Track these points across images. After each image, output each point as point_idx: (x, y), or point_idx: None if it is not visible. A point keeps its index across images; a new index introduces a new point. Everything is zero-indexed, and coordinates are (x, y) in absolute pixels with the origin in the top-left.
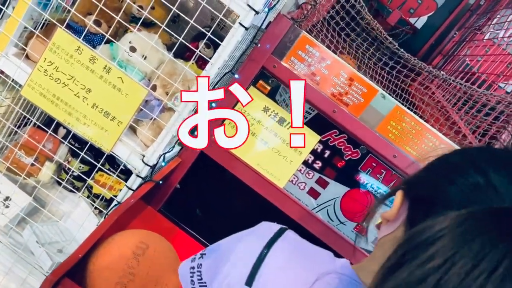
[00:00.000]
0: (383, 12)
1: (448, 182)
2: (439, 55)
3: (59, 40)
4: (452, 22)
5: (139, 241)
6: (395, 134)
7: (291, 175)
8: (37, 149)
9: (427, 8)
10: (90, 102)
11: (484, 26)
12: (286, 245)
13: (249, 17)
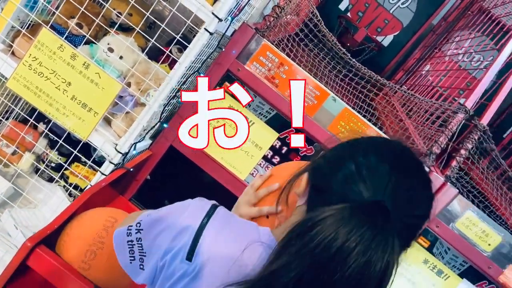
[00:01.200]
0: (350, 30)
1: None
2: (401, 71)
3: (44, 38)
4: (416, 42)
5: (109, 215)
6: (344, 133)
7: (251, 168)
8: (17, 140)
9: (393, 28)
10: (70, 94)
11: (442, 45)
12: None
13: (213, 23)
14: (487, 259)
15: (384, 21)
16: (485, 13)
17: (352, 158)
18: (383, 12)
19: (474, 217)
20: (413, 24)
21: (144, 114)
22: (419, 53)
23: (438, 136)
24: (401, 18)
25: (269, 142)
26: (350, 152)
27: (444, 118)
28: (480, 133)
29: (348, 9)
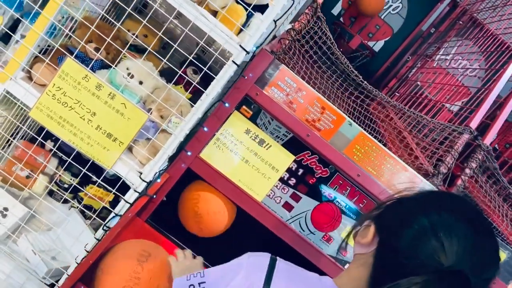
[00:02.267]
0: (345, 36)
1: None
2: (394, 78)
3: (68, 68)
4: (406, 47)
5: (142, 249)
6: (359, 156)
7: (268, 190)
8: (29, 161)
9: (384, 33)
10: (95, 124)
11: (435, 55)
12: (283, 271)
13: (240, 56)
14: None
15: (376, 26)
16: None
17: (425, 214)
18: (374, 18)
19: None
20: (403, 30)
21: (170, 143)
22: (412, 62)
23: (444, 155)
24: (391, 24)
25: (285, 164)
26: (421, 207)
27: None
28: (484, 152)
29: (340, 14)
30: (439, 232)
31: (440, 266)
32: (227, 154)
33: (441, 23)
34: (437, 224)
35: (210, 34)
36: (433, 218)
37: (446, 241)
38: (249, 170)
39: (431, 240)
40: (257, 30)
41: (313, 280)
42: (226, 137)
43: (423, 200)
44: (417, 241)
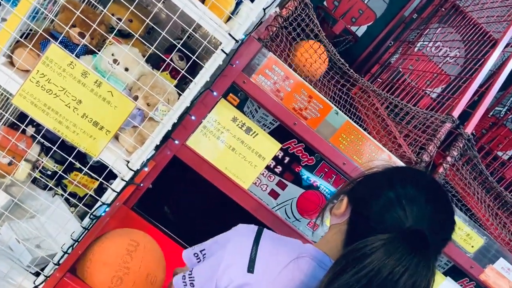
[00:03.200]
0: (329, 21)
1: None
2: (376, 64)
3: (52, 55)
4: (389, 33)
5: (130, 239)
6: (345, 145)
7: (255, 178)
8: (11, 148)
9: (367, 18)
10: (80, 112)
11: (417, 41)
12: (268, 239)
13: (230, 44)
14: (469, 260)
15: (359, 11)
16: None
17: (390, 186)
18: (358, 2)
19: (460, 222)
20: (386, 15)
21: (158, 132)
22: (394, 48)
23: (427, 144)
24: (375, 9)
25: (272, 152)
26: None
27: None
28: (465, 141)
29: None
30: (403, 201)
31: (403, 227)
32: (213, 141)
33: (423, 9)
34: (401, 195)
35: (199, 22)
36: (398, 190)
37: (408, 209)
38: (235, 158)
39: (396, 208)
40: (247, 18)
41: (297, 243)
42: (212, 124)
43: (390, 174)
44: (384, 210)
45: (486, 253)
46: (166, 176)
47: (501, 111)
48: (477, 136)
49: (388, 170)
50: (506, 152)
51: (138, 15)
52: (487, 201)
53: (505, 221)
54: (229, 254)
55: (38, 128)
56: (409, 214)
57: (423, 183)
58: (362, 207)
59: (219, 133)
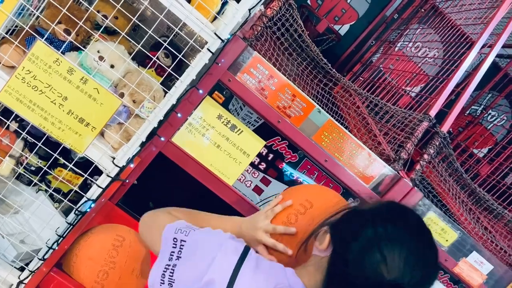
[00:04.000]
0: (312, 20)
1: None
2: (358, 63)
3: (38, 51)
4: (371, 32)
5: (116, 234)
6: (327, 142)
7: (239, 174)
8: None
9: (350, 17)
10: (66, 109)
11: (397, 41)
12: (252, 261)
13: (215, 44)
14: (444, 253)
15: (342, 10)
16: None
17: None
18: (340, 2)
19: (435, 217)
20: (368, 15)
21: (143, 129)
22: (375, 47)
23: (405, 142)
24: (357, 8)
25: (256, 149)
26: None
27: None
28: (441, 139)
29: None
30: (382, 245)
31: (382, 280)
32: (199, 138)
33: (404, 10)
34: (381, 236)
35: (185, 22)
36: (379, 231)
37: (389, 255)
38: (220, 155)
39: (375, 253)
40: (233, 18)
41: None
42: (198, 122)
43: (373, 212)
44: (363, 254)
45: (460, 247)
46: (152, 172)
47: (477, 110)
48: (454, 134)
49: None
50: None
51: (124, 12)
52: (462, 197)
53: (478, 216)
54: (212, 270)
55: (22, 124)
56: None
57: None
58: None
59: (205, 130)
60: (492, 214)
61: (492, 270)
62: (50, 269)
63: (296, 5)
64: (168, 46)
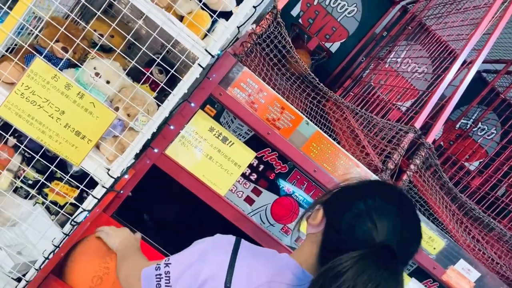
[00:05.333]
0: (303, 37)
1: (344, 209)
2: (349, 79)
3: (37, 68)
4: (361, 49)
5: None
6: (315, 153)
7: (231, 185)
8: None
9: (340, 35)
10: (63, 122)
11: (386, 57)
12: (246, 251)
13: (206, 59)
14: (432, 261)
15: (332, 28)
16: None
17: (361, 199)
18: (331, 20)
19: (422, 225)
20: (358, 33)
21: (138, 141)
22: (365, 63)
23: (392, 153)
24: (347, 27)
25: (247, 160)
26: (359, 194)
27: (394, 135)
28: (426, 150)
29: (299, 16)
30: (373, 214)
31: (373, 242)
32: (191, 150)
33: (392, 27)
34: (371, 208)
35: (177, 38)
36: (368, 203)
37: (378, 222)
38: (212, 166)
39: (366, 221)
40: (222, 35)
41: (272, 254)
42: (191, 134)
43: (361, 187)
44: (355, 223)
45: (448, 255)
46: (146, 184)
47: (467, 123)
48: (444, 147)
49: (361, 183)
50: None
51: (119, 31)
52: (451, 207)
53: (469, 227)
54: (208, 265)
55: (20, 139)
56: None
57: (393, 196)
58: (335, 220)
59: (197, 142)
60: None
61: (479, 277)
62: (46, 276)
63: (285, 23)
64: (161, 62)
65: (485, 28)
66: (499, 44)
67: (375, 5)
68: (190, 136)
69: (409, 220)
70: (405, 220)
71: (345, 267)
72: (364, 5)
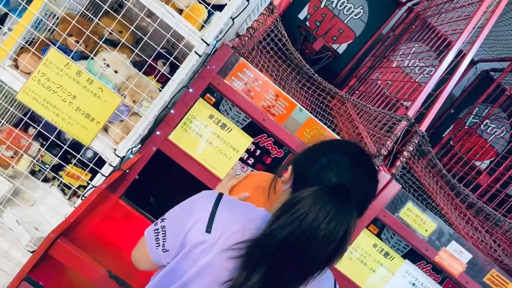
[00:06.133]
0: (309, 39)
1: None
2: (354, 78)
3: (52, 57)
4: (367, 50)
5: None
6: (309, 138)
7: (229, 168)
8: (14, 144)
9: (347, 37)
10: (75, 106)
11: (390, 55)
12: (226, 202)
13: (202, 47)
14: (424, 243)
15: (339, 30)
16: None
17: (324, 154)
18: (338, 22)
19: (414, 208)
20: (364, 34)
21: (141, 123)
22: (370, 62)
23: (385, 140)
24: (354, 28)
25: (244, 146)
26: (322, 150)
27: (389, 125)
28: (419, 137)
29: (306, 18)
30: (332, 165)
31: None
32: (193, 136)
33: (398, 27)
34: (331, 160)
35: (175, 29)
36: (329, 156)
37: (336, 170)
38: (212, 151)
39: (327, 171)
40: (216, 25)
41: (250, 208)
42: (192, 121)
43: (324, 145)
44: (318, 172)
45: (440, 237)
46: (153, 169)
47: (477, 122)
48: (451, 144)
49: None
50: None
51: (127, 26)
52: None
53: (472, 220)
54: (194, 215)
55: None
56: (336, 174)
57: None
58: (302, 171)
59: (198, 129)
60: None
61: (471, 259)
62: (57, 236)
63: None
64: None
65: (479, 22)
66: (506, 42)
67: (382, 7)
68: (191, 123)
69: (363, 168)
70: (359, 168)
71: (302, 198)
72: (371, 7)
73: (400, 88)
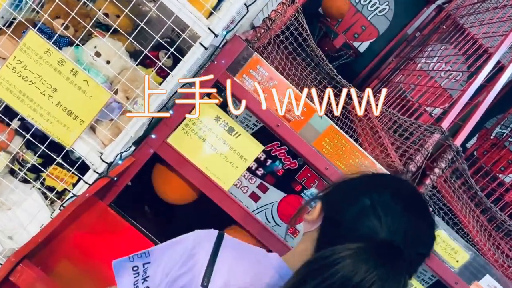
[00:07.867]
0: (330, 35)
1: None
2: (376, 79)
3: (30, 41)
4: (391, 50)
5: None
6: (328, 149)
7: (235, 179)
8: None
9: (370, 34)
10: (55, 100)
11: (417, 57)
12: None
13: (208, 38)
14: (454, 275)
15: (362, 27)
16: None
17: (367, 194)
18: (361, 19)
19: (445, 235)
20: (388, 32)
21: (132, 124)
22: (394, 63)
23: (414, 154)
24: (377, 26)
25: (254, 154)
26: (364, 187)
27: (419, 136)
28: (454, 153)
29: None
30: (378, 210)
31: (375, 237)
32: (195, 140)
33: (425, 27)
34: (377, 203)
35: (178, 15)
36: (374, 198)
37: (384, 218)
38: (217, 158)
39: (371, 217)
40: (227, 12)
41: (260, 255)
42: (195, 123)
43: (367, 181)
44: (357, 217)
45: (472, 269)
46: (148, 175)
47: (504, 133)
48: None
49: (367, 176)
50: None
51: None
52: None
53: (499, 242)
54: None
55: (23, 122)
56: (384, 224)
57: (403, 192)
58: (335, 213)
59: (201, 132)
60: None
61: None
62: (18, 260)
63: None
64: (166, 45)
65: None
66: None
67: (408, 4)
68: (194, 125)
69: (420, 218)
70: (415, 219)
71: (338, 258)
72: (397, 3)
73: (424, 92)
